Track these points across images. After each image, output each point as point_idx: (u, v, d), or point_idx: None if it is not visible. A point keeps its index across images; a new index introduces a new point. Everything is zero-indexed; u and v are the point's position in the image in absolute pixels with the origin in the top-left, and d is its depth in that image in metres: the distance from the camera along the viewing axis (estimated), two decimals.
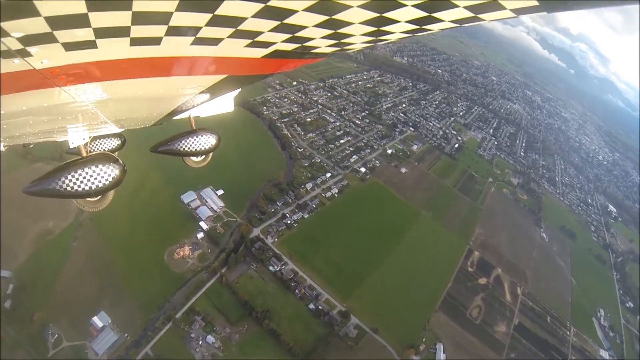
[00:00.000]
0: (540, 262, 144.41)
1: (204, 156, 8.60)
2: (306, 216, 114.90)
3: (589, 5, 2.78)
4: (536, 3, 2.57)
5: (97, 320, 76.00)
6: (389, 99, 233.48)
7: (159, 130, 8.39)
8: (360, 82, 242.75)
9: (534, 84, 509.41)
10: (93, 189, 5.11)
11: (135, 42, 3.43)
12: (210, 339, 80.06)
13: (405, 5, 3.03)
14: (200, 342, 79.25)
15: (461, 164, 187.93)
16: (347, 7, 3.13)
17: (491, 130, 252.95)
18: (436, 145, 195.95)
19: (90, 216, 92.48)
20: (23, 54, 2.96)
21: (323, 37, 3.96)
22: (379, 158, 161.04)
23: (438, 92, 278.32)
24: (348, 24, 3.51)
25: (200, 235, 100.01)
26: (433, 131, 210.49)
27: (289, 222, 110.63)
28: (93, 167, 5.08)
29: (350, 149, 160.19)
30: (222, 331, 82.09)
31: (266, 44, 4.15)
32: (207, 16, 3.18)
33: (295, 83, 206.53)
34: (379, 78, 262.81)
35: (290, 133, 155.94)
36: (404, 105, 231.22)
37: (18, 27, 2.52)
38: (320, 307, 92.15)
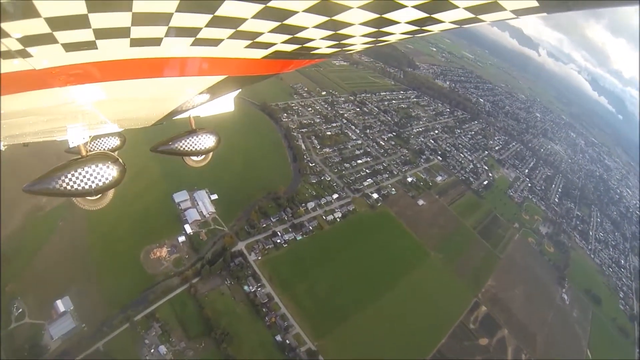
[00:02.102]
0: (556, 327, 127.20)
1: (203, 156, 8.57)
2: (299, 238, 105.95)
3: (589, 5, 2.82)
4: (536, 4, 2.62)
5: (60, 304, 74.91)
6: (421, 122, 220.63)
7: (159, 127, 8.29)
8: (394, 101, 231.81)
9: (580, 125, 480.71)
10: (93, 188, 5.27)
11: (136, 42, 3.45)
12: (162, 349, 75.36)
13: (405, 7, 3.08)
14: (152, 350, 75.08)
15: (487, 204, 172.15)
16: (347, 8, 3.17)
17: (526, 170, 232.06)
18: (463, 180, 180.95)
19: None
20: (23, 54, 3.02)
21: (323, 38, 3.98)
22: (396, 185, 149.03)
23: (476, 122, 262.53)
24: (348, 25, 3.55)
25: (181, 238, 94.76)
26: (463, 163, 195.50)
27: (278, 241, 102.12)
28: (93, 167, 5.26)
29: (367, 171, 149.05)
30: (177, 344, 77.15)
31: (266, 45, 4.14)
32: (207, 17, 3.21)
33: (324, 93, 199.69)
34: (415, 99, 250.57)
35: (305, 145, 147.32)
36: (436, 132, 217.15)
37: (18, 28, 2.59)
38: (287, 341, 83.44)
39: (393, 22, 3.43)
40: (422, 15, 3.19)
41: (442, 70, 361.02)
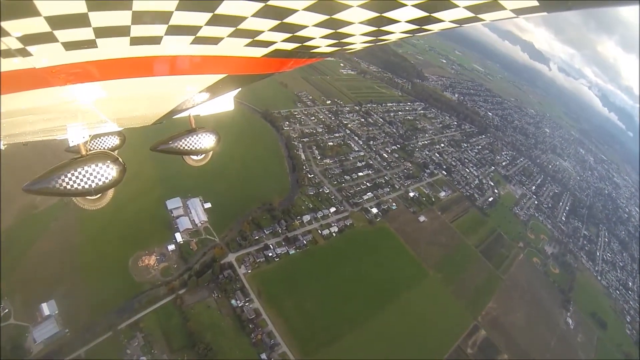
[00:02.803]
0: (559, 353, 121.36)
1: (203, 155, 8.52)
2: (292, 252, 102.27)
3: (589, 5, 2.83)
4: (536, 3, 2.63)
5: (45, 308, 74.12)
6: (427, 135, 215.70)
7: (159, 127, 8.16)
8: (400, 113, 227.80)
9: (589, 142, 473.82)
10: (93, 187, 5.28)
11: (135, 41, 3.44)
12: None
13: (405, 5, 3.08)
14: None
15: (491, 222, 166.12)
16: (347, 6, 3.18)
17: (533, 187, 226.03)
18: (467, 196, 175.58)
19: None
20: (23, 53, 3.02)
21: (323, 37, 3.97)
22: (397, 200, 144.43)
23: (483, 136, 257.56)
24: (348, 23, 3.54)
25: (171, 247, 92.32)
26: (468, 179, 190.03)
27: (270, 254, 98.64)
28: (92, 166, 5.26)
29: (368, 184, 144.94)
30: (159, 356, 74.94)
31: (266, 44, 4.14)
32: (207, 15, 3.20)
33: (329, 102, 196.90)
34: (422, 111, 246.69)
35: (306, 155, 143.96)
36: (442, 145, 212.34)
37: (18, 27, 2.59)
38: None
39: (393, 21, 3.42)
40: (422, 14, 3.19)
41: (451, 83, 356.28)
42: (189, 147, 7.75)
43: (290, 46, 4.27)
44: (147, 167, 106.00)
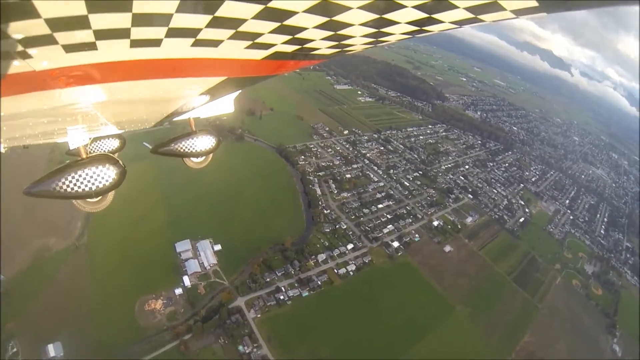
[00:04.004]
0: None
1: (203, 157, 8.53)
2: (305, 294, 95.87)
3: (589, 5, 2.90)
4: (536, 4, 2.64)
5: (51, 349, 73.89)
6: (450, 158, 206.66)
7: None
8: (421, 137, 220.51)
9: (621, 145, 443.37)
10: (93, 190, 5.26)
11: (136, 43, 3.44)
12: None
13: (405, 7, 3.09)
14: None
15: (524, 245, 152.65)
16: (347, 8, 3.17)
17: (567, 201, 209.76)
18: (496, 219, 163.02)
19: (87, 242, 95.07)
20: (23, 55, 3.01)
21: (323, 39, 3.99)
22: (420, 231, 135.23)
23: (510, 152, 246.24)
24: (348, 25, 3.55)
25: (178, 291, 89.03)
26: (496, 200, 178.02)
27: (281, 297, 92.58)
28: (93, 169, 5.25)
29: (388, 216, 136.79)
30: None
31: (266, 46, 4.13)
32: (207, 18, 3.19)
33: (346, 132, 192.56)
34: (444, 133, 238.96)
35: (322, 190, 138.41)
36: (466, 167, 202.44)
37: (18, 29, 2.58)
38: None
39: (393, 23, 3.42)
40: (422, 15, 3.19)
41: (473, 101, 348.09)
42: (189, 149, 7.63)
43: (290, 48, 4.23)
44: (157, 209, 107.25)
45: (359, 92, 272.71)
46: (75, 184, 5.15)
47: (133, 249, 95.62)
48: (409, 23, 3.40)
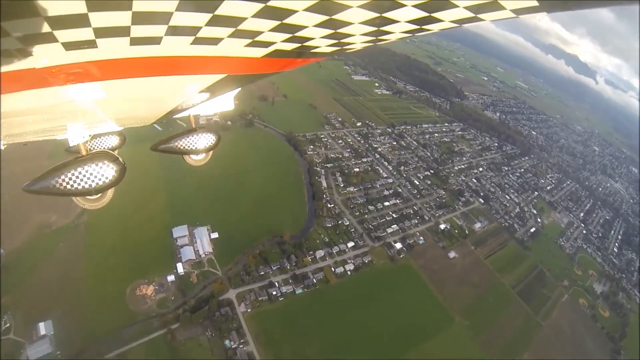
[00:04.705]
0: None
1: (203, 154, 8.44)
2: (299, 291, 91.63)
3: (589, 5, 2.87)
4: (536, 3, 2.63)
5: (42, 327, 74.02)
6: (464, 158, 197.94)
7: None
8: (436, 134, 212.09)
9: None
10: (93, 187, 5.22)
11: (135, 41, 3.42)
12: None
13: (405, 6, 3.07)
14: None
15: (532, 257, 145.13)
16: (347, 7, 3.17)
17: (581, 214, 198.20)
18: (506, 227, 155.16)
19: (87, 221, 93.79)
20: (23, 53, 3.02)
21: (323, 37, 3.96)
22: (425, 233, 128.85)
23: (527, 157, 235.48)
24: (348, 24, 3.53)
25: (171, 278, 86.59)
26: (507, 207, 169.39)
27: (274, 293, 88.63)
28: (93, 166, 5.21)
29: (394, 215, 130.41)
30: None
31: (266, 44, 4.11)
32: (207, 16, 3.19)
33: (359, 124, 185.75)
34: (460, 132, 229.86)
35: (328, 182, 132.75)
36: (480, 169, 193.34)
37: (18, 27, 2.59)
38: None
39: (393, 21, 3.39)
40: (422, 14, 3.17)
41: (493, 101, 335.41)
42: (189, 146, 7.64)
43: (290, 46, 4.20)
44: (158, 194, 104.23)
45: (377, 84, 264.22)
46: (75, 181, 5.04)
47: (131, 231, 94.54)
48: (409, 22, 3.35)
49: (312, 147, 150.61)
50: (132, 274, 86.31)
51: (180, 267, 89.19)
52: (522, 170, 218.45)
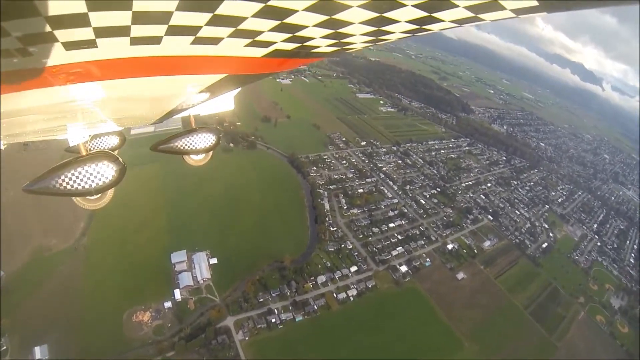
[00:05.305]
0: None
1: (203, 155, 8.37)
2: (299, 318, 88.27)
3: (589, 5, 2.85)
4: (536, 3, 2.63)
5: (38, 351, 73.70)
6: (472, 174, 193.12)
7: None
8: (442, 151, 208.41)
9: None
10: (93, 187, 5.21)
11: (136, 41, 3.41)
12: None
13: (405, 5, 3.07)
14: None
15: (545, 273, 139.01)
16: (347, 7, 3.16)
17: (595, 226, 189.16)
18: (517, 243, 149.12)
19: (87, 244, 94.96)
20: (23, 53, 3.01)
21: (323, 37, 3.96)
22: (432, 255, 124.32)
23: (536, 170, 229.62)
24: (348, 23, 3.53)
25: (168, 304, 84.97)
26: (518, 223, 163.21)
27: (273, 320, 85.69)
28: (93, 166, 5.20)
29: (399, 236, 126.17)
30: None
31: (266, 44, 4.10)
32: (207, 16, 3.17)
33: (363, 143, 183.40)
34: (467, 148, 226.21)
35: (331, 205, 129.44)
36: (488, 185, 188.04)
37: (18, 27, 2.58)
38: None
39: (393, 21, 3.38)
40: (422, 14, 3.16)
41: (500, 114, 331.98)
42: (189, 146, 7.57)
43: (290, 46, 4.19)
44: (158, 216, 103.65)
45: (382, 102, 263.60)
46: (75, 181, 5.03)
47: (130, 256, 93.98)
48: (409, 22, 3.34)
49: (315, 168, 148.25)
50: (130, 300, 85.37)
51: (177, 294, 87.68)
52: (532, 183, 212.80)
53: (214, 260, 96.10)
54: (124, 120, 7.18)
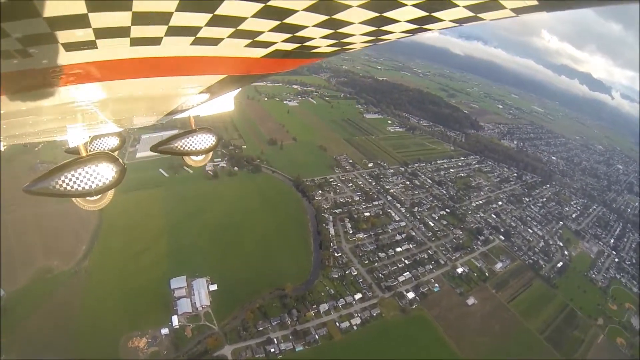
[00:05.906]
0: None
1: (203, 155, 8.33)
2: (299, 349, 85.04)
3: (589, 4, 2.83)
4: (536, 2, 2.62)
5: None
6: (482, 193, 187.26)
7: None
8: (452, 170, 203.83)
9: None
10: (93, 188, 5.15)
11: (135, 42, 3.43)
12: None
13: (405, 5, 3.08)
14: None
15: (561, 295, 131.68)
16: (347, 7, 3.18)
17: (612, 240, 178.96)
18: (530, 264, 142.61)
19: (88, 266, 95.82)
20: (23, 54, 3.00)
21: (323, 37, 3.98)
22: (441, 279, 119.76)
23: (548, 185, 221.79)
24: (348, 23, 3.55)
25: (165, 331, 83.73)
26: (531, 242, 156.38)
27: (272, 350, 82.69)
28: (93, 167, 5.13)
29: (406, 261, 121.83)
30: None
31: (266, 44, 4.12)
32: (207, 16, 3.19)
33: (371, 164, 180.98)
34: (477, 165, 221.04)
35: (336, 229, 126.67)
36: (499, 203, 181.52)
37: (18, 28, 2.57)
38: None
39: (393, 21, 3.40)
40: (422, 13, 3.18)
41: (509, 129, 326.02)
42: (189, 147, 7.52)
43: (290, 46, 4.19)
44: (159, 241, 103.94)
45: (389, 122, 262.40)
46: (75, 182, 4.96)
47: (130, 280, 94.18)
48: (409, 21, 3.35)
49: (320, 192, 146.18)
50: (127, 324, 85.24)
51: (175, 320, 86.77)
52: (544, 199, 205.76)
53: (214, 287, 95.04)
54: (124, 121, 7.13)
